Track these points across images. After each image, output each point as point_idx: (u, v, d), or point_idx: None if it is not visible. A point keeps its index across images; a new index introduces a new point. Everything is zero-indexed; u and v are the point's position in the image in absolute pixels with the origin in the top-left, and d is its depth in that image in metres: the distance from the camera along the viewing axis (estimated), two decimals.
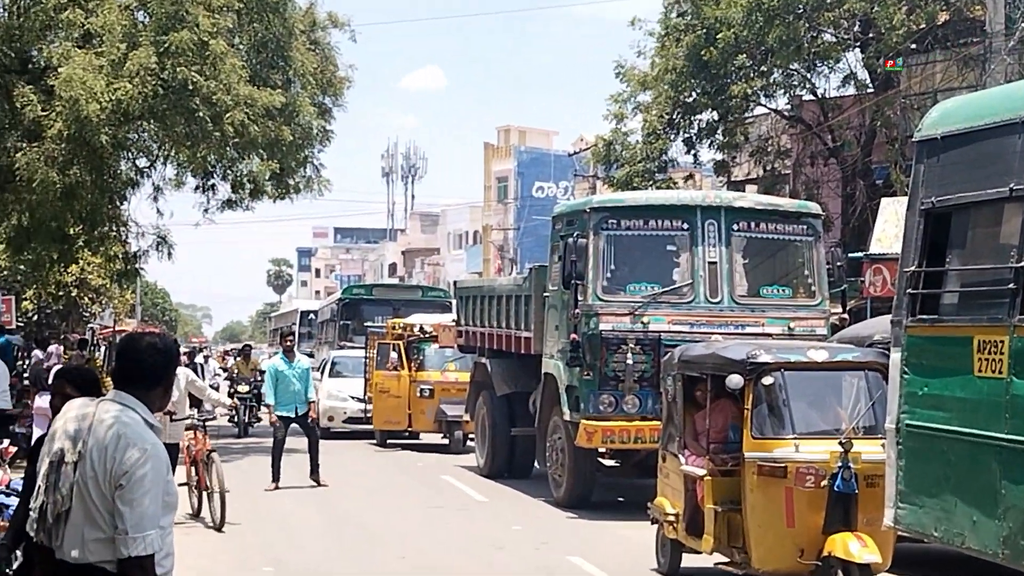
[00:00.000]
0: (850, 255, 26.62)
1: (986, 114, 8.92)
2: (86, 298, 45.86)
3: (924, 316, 9.15)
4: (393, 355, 25.82)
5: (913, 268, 9.24)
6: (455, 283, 28.46)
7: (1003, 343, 8.16)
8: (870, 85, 31.82)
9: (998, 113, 8.74)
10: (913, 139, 9.93)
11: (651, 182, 32.48)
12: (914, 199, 9.44)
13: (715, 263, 16.40)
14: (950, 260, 9.07)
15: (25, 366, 29.18)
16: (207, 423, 15.78)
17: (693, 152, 34.28)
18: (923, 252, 9.21)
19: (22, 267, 35.68)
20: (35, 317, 45.06)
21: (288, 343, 20.17)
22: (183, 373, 14.10)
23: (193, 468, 15.24)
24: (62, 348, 30.28)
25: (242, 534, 14.68)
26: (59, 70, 21.30)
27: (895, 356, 9.35)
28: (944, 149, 9.18)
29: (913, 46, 30.33)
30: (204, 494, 15.08)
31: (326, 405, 27.51)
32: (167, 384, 5.17)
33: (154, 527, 4.77)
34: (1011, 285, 8.16)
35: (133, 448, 4.81)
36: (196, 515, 15.05)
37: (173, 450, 13.09)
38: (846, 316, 18.43)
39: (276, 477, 18.42)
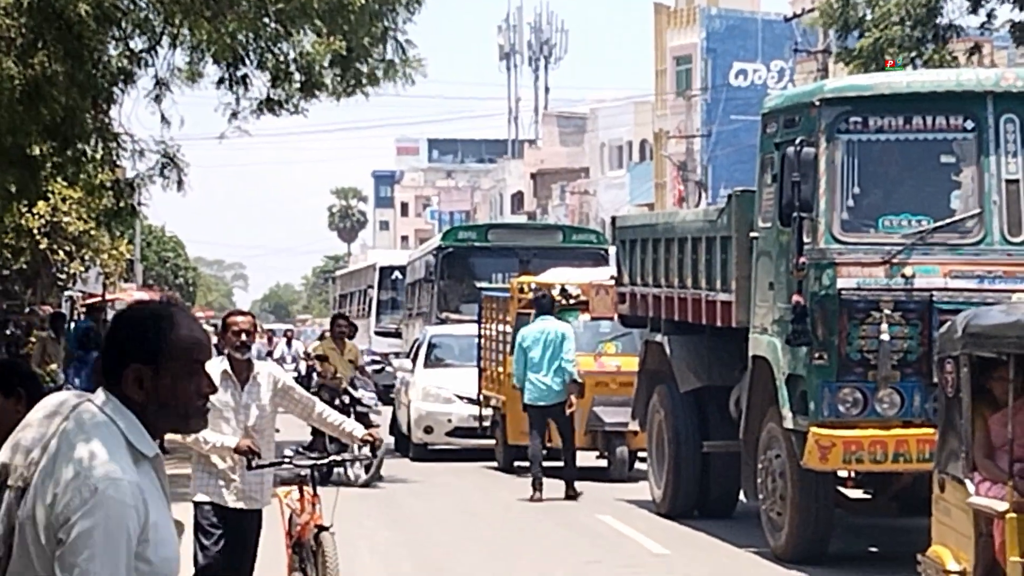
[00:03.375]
0: None
1: None
2: (61, 252, 46.31)
3: None
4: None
5: None
6: (614, 221, 28.29)
7: None
8: None
9: None
10: None
11: (915, 56, 32.20)
12: None
13: (1017, 182, 16.17)
14: None
15: None
16: (328, 469, 12.97)
17: (978, 11, 33.92)
18: None
19: None
20: None
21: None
22: (268, 375, 11.32)
23: (295, 552, 11.88)
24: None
25: None
26: None
27: None
28: None
29: None
30: None
31: (421, 410, 27.71)
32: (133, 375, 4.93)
33: None
34: None
35: (80, 483, 4.61)
36: None
37: (255, 520, 11.07)
38: None
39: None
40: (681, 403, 20.35)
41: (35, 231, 43.24)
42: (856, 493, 17.53)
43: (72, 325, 38.12)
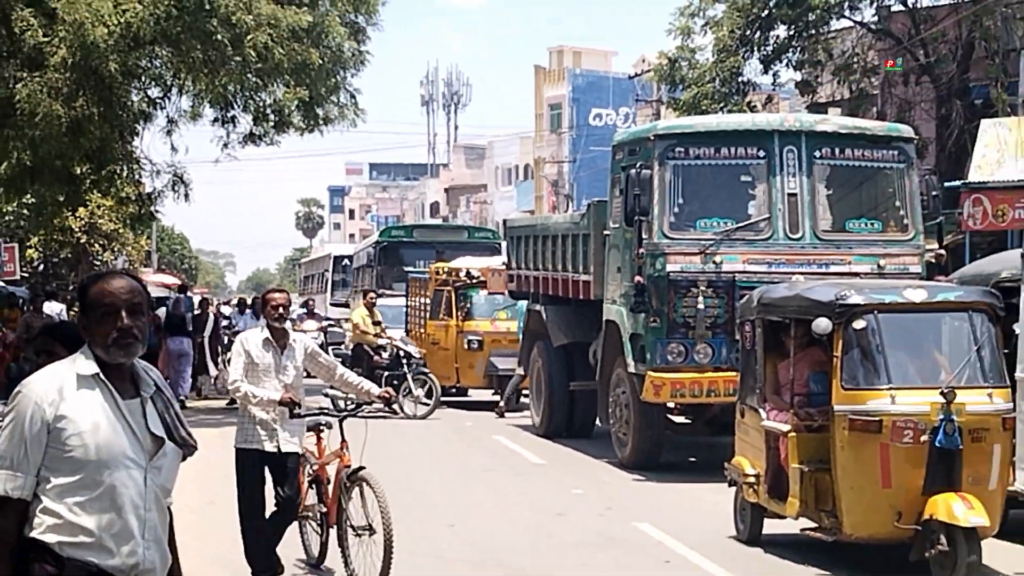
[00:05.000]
0: (946, 184, 26.38)
1: None
2: (96, 245, 46.03)
3: None
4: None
5: None
6: (504, 222, 28.36)
7: None
8: None
9: None
10: None
11: (723, 105, 32.31)
12: None
13: (795, 195, 16.31)
14: None
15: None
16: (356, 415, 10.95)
17: (770, 72, 34.07)
18: None
19: (25, 211, 35.97)
20: (41, 267, 45.47)
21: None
22: (302, 343, 10.55)
23: (313, 489, 10.86)
24: (65, 308, 30.28)
25: None
26: None
27: None
28: None
29: None
30: (336, 533, 10.58)
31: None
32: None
33: None
34: None
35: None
36: (317, 564, 10.92)
37: (293, 460, 10.29)
38: (943, 252, 18.25)
39: None
40: (554, 354, 20.42)
41: (77, 230, 43.02)
42: (680, 419, 17.64)
43: None
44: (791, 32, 32.61)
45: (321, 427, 10.77)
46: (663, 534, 12.82)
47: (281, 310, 10.24)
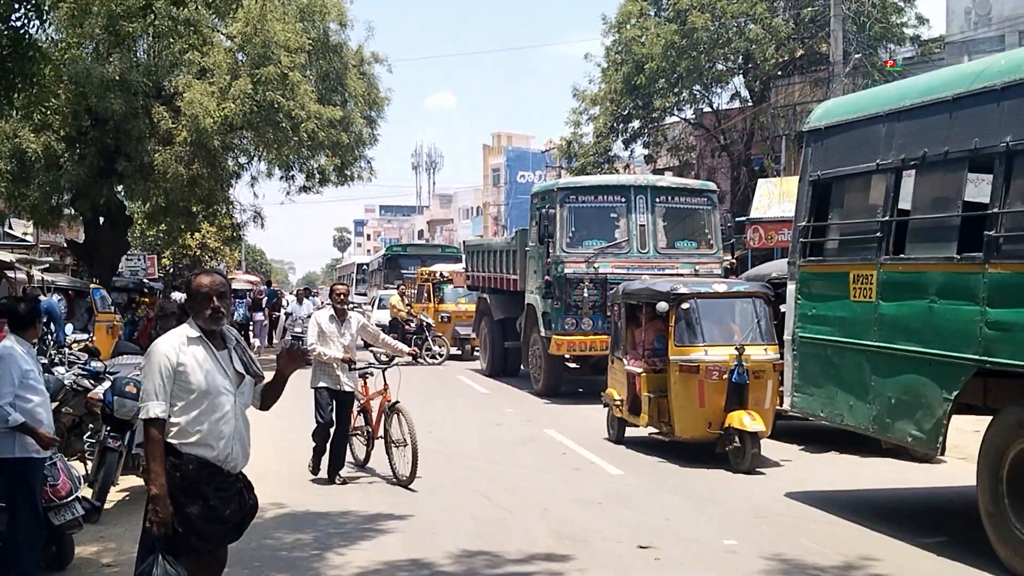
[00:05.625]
0: (737, 219, 26.57)
1: (857, 110, 8.80)
2: (206, 256, 45.86)
3: (812, 258, 9.07)
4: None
5: (804, 223, 9.15)
6: (464, 243, 28.35)
7: (872, 276, 8.09)
8: (749, 100, 31.68)
9: (866, 109, 8.64)
10: (803, 127, 9.80)
11: (599, 170, 32.38)
12: (804, 173, 9.32)
13: (644, 225, 16.35)
14: (831, 217, 8.96)
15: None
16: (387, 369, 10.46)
17: (628, 149, 34.21)
18: (811, 211, 9.10)
19: (161, 235, 35.64)
20: (171, 270, 45.09)
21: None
22: (355, 318, 10.25)
23: (361, 417, 10.60)
24: (184, 296, 30.23)
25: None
26: (184, 95, 21.35)
27: (791, 287, 9.26)
28: (827, 136, 9.06)
29: (779, 72, 30.21)
30: (383, 444, 10.26)
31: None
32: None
33: None
34: (878, 234, 8.09)
35: None
36: (363, 465, 10.64)
37: (350, 397, 10.19)
38: (734, 261, 18.47)
39: None
40: (495, 325, 20.35)
41: (193, 246, 42.71)
42: (573, 365, 17.62)
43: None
44: (641, 124, 32.67)
45: (366, 374, 10.54)
46: (562, 436, 12.82)
47: (342, 296, 10.21)
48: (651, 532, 7.94)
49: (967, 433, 9.48)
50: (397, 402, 10.08)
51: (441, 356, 23.52)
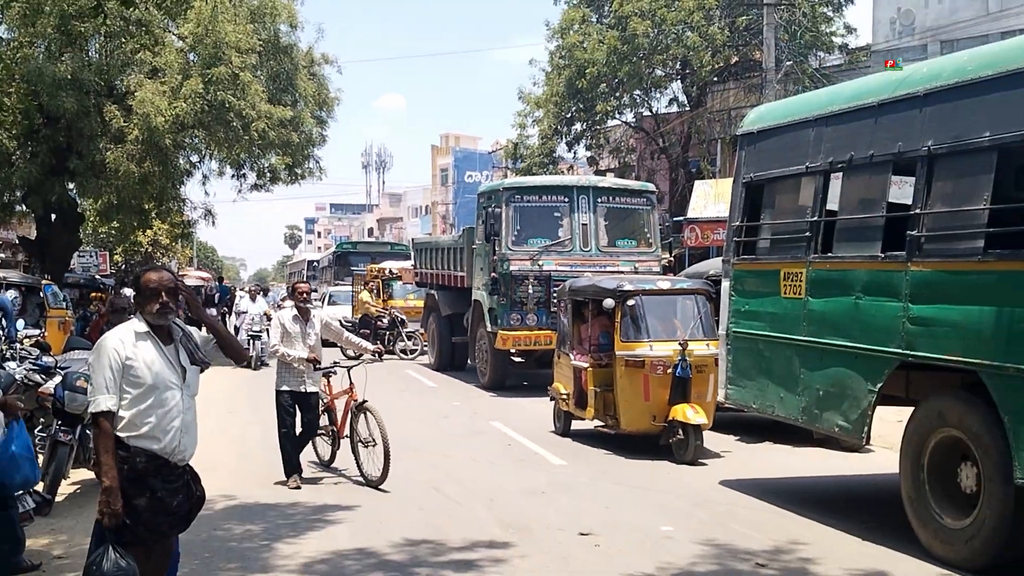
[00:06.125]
0: (674, 219, 26.81)
1: (788, 115, 8.88)
2: (158, 253, 45.26)
3: (745, 256, 9.14)
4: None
5: (738, 223, 9.22)
6: (413, 240, 28.26)
7: (801, 274, 8.19)
8: (687, 105, 31.96)
9: (796, 114, 8.72)
10: (737, 132, 9.87)
11: (544, 170, 32.45)
12: (738, 175, 9.39)
13: (586, 224, 16.41)
14: (763, 217, 9.04)
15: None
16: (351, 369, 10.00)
17: (571, 151, 34.28)
18: (744, 212, 9.18)
19: (112, 232, 35.11)
20: (123, 267, 44.41)
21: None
22: (319, 317, 9.72)
23: (325, 416, 10.07)
24: (134, 292, 29.61)
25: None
26: (135, 94, 21.05)
27: (725, 284, 9.33)
28: (759, 140, 9.13)
29: (715, 78, 30.50)
30: (349, 445, 9.80)
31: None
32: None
33: None
34: (807, 233, 8.18)
35: None
36: (328, 465, 10.20)
37: (315, 398, 9.70)
38: (672, 259, 18.60)
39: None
40: (442, 320, 20.29)
41: (145, 243, 42.10)
42: (518, 359, 17.66)
43: None
44: (584, 127, 32.82)
45: (330, 373, 10.02)
46: (508, 428, 12.83)
47: (305, 295, 9.65)
48: (592, 520, 7.98)
49: (893, 424, 9.66)
50: (365, 401, 9.63)
51: (415, 351, 23.15)
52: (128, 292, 24.50)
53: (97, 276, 30.93)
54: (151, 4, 16.01)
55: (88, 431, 8.04)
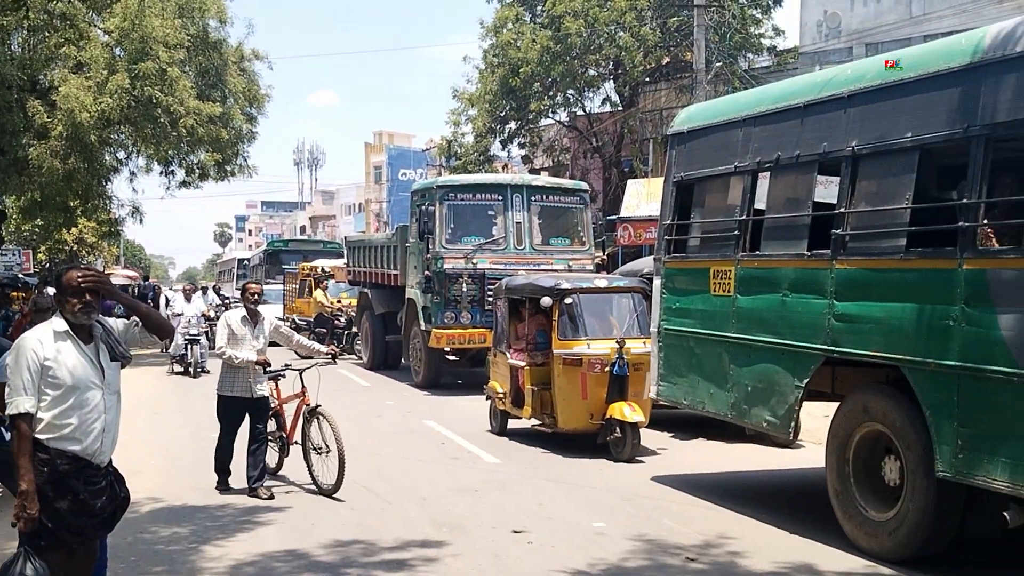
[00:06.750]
0: (608, 217, 27.01)
1: (717, 115, 8.97)
2: (83, 251, 44.29)
3: (676, 254, 9.21)
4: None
5: (669, 222, 9.30)
6: (346, 238, 28.05)
7: (730, 272, 8.28)
8: (620, 105, 32.19)
9: (725, 114, 8.81)
10: (668, 132, 9.94)
11: (478, 169, 32.41)
12: (668, 174, 9.46)
13: (520, 223, 16.42)
14: (693, 216, 9.11)
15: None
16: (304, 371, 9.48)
17: (506, 149, 34.29)
18: (675, 211, 9.25)
19: (36, 230, 34.28)
20: (47, 266, 43.36)
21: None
22: (268, 319, 9.18)
23: (273, 421, 9.50)
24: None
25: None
26: (59, 89, 20.63)
27: (657, 282, 9.39)
28: (689, 139, 9.20)
29: (647, 78, 30.78)
30: (301, 451, 9.32)
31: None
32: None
33: None
34: (736, 232, 8.27)
35: None
36: (275, 473, 9.59)
37: (265, 402, 9.14)
38: (605, 258, 18.73)
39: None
40: (376, 319, 20.15)
41: (70, 242, 41.16)
42: (452, 357, 17.61)
43: None
44: (518, 126, 32.85)
45: (278, 376, 9.43)
46: (442, 427, 12.79)
47: (256, 296, 9.07)
48: (525, 517, 7.99)
49: (821, 419, 9.83)
50: (319, 406, 9.12)
51: (327, 362, 22.55)
52: (51, 291, 23.96)
53: (20, 275, 30.13)
54: None
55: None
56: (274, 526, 7.86)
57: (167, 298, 31.68)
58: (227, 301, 32.53)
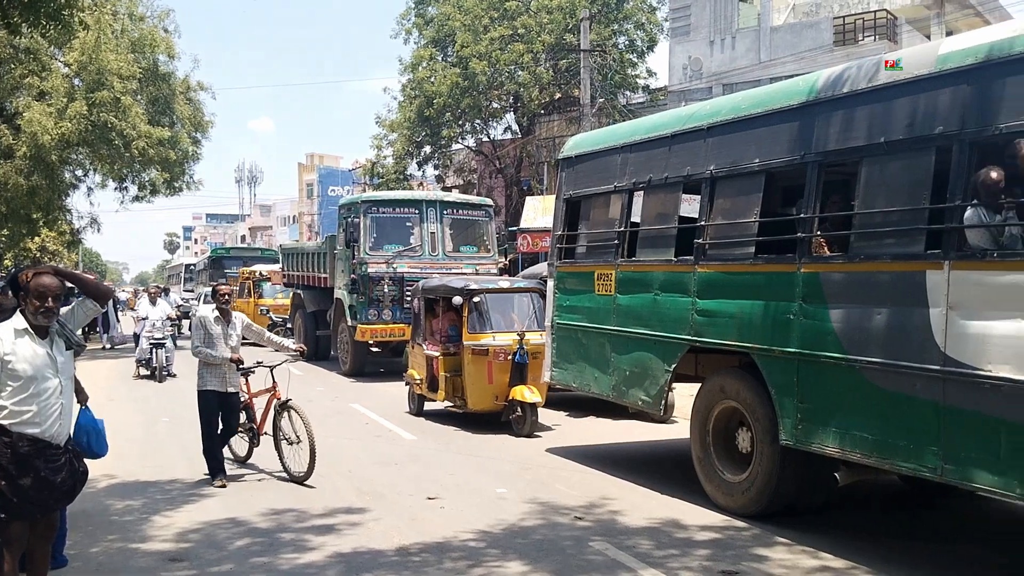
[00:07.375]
0: (509, 229, 27.08)
1: (600, 143, 9.06)
2: (46, 258, 42.44)
3: (566, 260, 9.25)
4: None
5: (560, 232, 9.35)
6: (281, 246, 27.41)
7: (611, 275, 8.36)
8: (519, 133, 32.35)
9: (606, 142, 8.90)
10: (559, 156, 10.00)
11: (398, 186, 32.19)
12: (559, 192, 9.52)
13: (434, 233, 16.36)
14: (580, 228, 9.16)
15: None
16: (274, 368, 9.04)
17: (421, 170, 34.11)
18: (565, 224, 9.30)
19: (2, 239, 32.76)
20: (12, 271, 41.59)
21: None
22: (240, 318, 8.60)
23: (244, 414, 8.85)
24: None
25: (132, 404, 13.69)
26: (24, 114, 19.99)
27: (550, 283, 9.44)
28: (576, 163, 9.27)
29: (542, 111, 31.01)
30: (272, 443, 8.77)
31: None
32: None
33: None
34: (615, 242, 8.35)
35: None
36: (244, 461, 9.03)
37: (236, 398, 8.55)
38: (507, 263, 18.76)
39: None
40: (308, 316, 19.78)
41: (34, 250, 39.47)
42: (375, 349, 17.42)
43: None
44: (432, 150, 32.72)
45: (248, 372, 8.79)
46: (366, 409, 12.63)
47: (226, 297, 8.46)
48: (438, 486, 7.95)
49: (688, 398, 10.03)
50: (289, 400, 8.67)
51: (297, 358, 21.75)
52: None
53: None
54: (37, 33, 15.00)
55: None
56: (217, 498, 7.65)
57: (116, 298, 30.66)
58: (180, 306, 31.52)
